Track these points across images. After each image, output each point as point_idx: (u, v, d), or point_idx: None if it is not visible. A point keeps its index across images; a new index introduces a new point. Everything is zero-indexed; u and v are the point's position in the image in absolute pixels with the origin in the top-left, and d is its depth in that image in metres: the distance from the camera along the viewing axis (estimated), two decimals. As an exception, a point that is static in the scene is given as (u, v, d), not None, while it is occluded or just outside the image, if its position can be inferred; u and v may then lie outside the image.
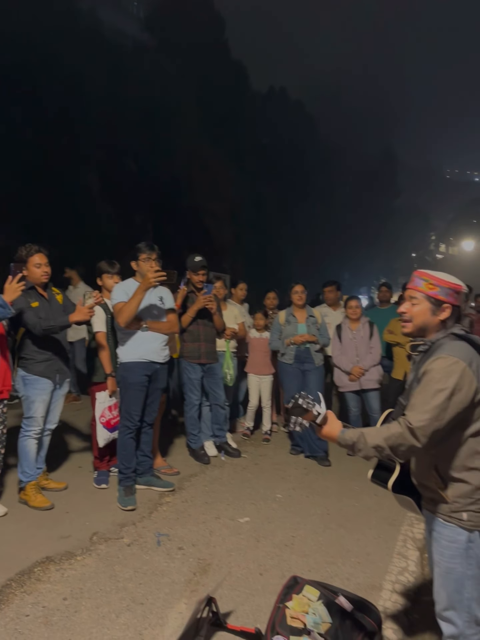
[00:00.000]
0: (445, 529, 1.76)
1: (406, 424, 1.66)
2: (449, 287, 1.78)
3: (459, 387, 1.64)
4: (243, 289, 5.85)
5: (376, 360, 4.92)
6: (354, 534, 3.34)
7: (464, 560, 1.72)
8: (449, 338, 1.76)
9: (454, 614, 1.76)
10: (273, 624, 2.17)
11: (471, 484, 1.71)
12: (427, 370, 1.70)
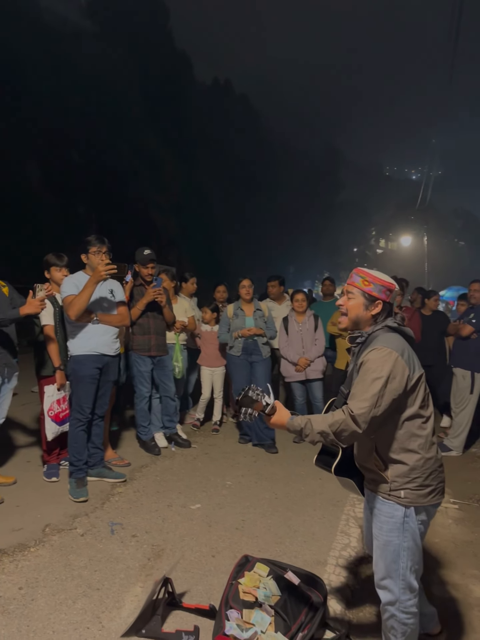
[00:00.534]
0: (385, 505, 1.93)
1: (348, 412, 1.80)
2: (382, 285, 1.95)
3: (393, 375, 1.80)
4: (194, 282, 5.92)
5: (321, 351, 5.14)
6: (300, 515, 3.52)
7: (400, 533, 1.90)
8: (384, 330, 1.92)
9: (390, 582, 1.94)
10: (227, 598, 2.29)
11: (408, 465, 1.88)
12: (364, 361, 1.85)
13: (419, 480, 1.88)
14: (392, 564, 1.93)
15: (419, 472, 1.88)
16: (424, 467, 1.88)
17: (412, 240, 36.23)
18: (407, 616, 1.93)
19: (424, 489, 1.89)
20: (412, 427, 1.88)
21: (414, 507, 1.89)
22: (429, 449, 1.90)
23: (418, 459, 1.88)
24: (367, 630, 2.42)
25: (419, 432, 1.89)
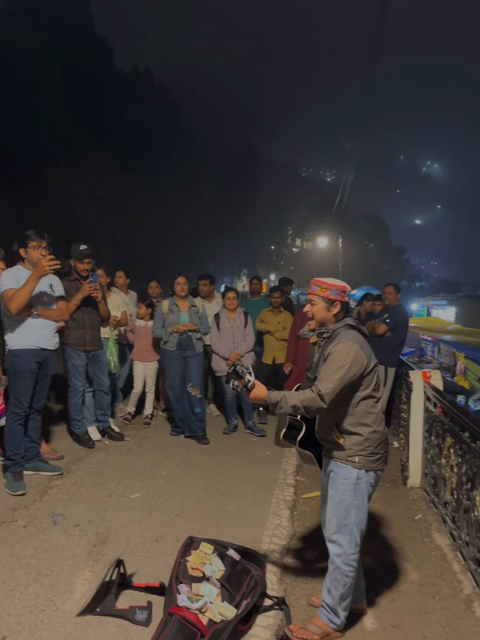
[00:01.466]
0: (341, 469, 2.32)
1: (317, 391, 2.19)
2: (336, 289, 2.37)
3: (354, 363, 2.21)
4: (122, 277, 5.97)
5: (250, 346, 5.43)
6: (234, 500, 3.77)
7: (352, 493, 2.30)
8: (345, 327, 2.33)
9: (340, 537, 2.31)
10: (176, 575, 2.49)
11: (362, 435, 2.29)
12: (331, 352, 2.25)
13: (370, 449, 2.29)
14: (343, 520, 2.31)
15: (371, 442, 2.28)
16: (374, 438, 2.29)
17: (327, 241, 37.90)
18: (349, 569, 2.29)
19: (373, 456, 2.30)
20: (366, 405, 2.30)
21: (365, 470, 2.29)
22: (379, 424, 2.32)
23: (370, 432, 2.30)
24: (300, 596, 2.72)
25: (372, 409, 2.30)
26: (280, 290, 6.15)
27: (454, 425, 3.35)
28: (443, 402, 3.65)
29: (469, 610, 2.65)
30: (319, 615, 2.38)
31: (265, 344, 6.03)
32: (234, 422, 5.53)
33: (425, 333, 17.24)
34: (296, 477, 4.34)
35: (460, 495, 3.12)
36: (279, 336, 5.88)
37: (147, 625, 2.33)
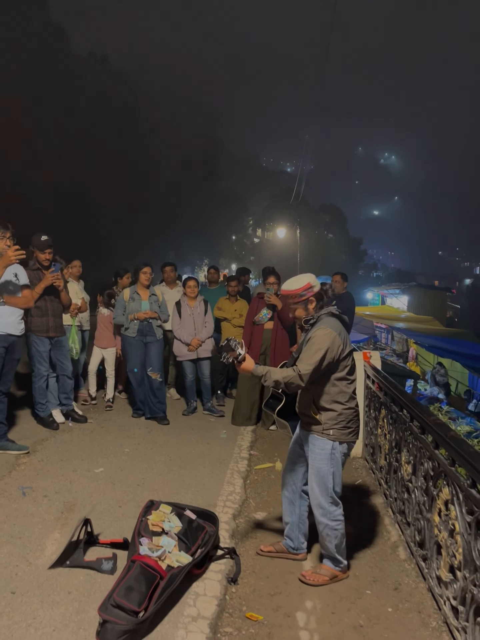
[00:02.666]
0: (318, 441, 2.69)
1: (297, 371, 2.52)
2: (303, 290, 2.69)
3: (331, 348, 2.58)
4: (77, 266, 6.12)
5: (210, 332, 5.76)
6: (192, 472, 4.10)
7: (329, 461, 2.67)
8: (327, 315, 2.67)
9: (322, 500, 2.69)
10: (138, 531, 2.79)
11: (336, 411, 2.66)
12: (312, 337, 2.60)
13: (343, 423, 2.68)
14: (322, 485, 2.69)
15: (344, 417, 2.67)
16: (347, 414, 2.68)
17: (286, 232, 38.48)
18: (336, 523, 2.69)
19: (346, 429, 2.69)
20: (341, 385, 2.67)
21: (339, 442, 2.66)
22: (352, 402, 2.70)
23: (344, 408, 2.68)
24: (249, 548, 3.08)
25: (345, 389, 2.67)
26: (237, 280, 6.46)
27: (387, 398, 3.77)
28: (379, 378, 4.07)
29: (394, 553, 3.08)
30: (325, 562, 2.79)
31: (222, 330, 6.34)
32: (193, 404, 5.85)
33: (379, 321, 17.93)
34: (250, 451, 4.71)
35: (391, 458, 3.54)
36: (235, 323, 6.20)
37: (112, 573, 2.63)
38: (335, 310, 2.72)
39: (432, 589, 2.59)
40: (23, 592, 2.42)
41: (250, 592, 2.64)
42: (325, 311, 2.69)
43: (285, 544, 3.00)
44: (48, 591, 2.44)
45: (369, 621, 2.46)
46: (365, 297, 26.15)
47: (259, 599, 2.60)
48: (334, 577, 2.76)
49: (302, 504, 2.93)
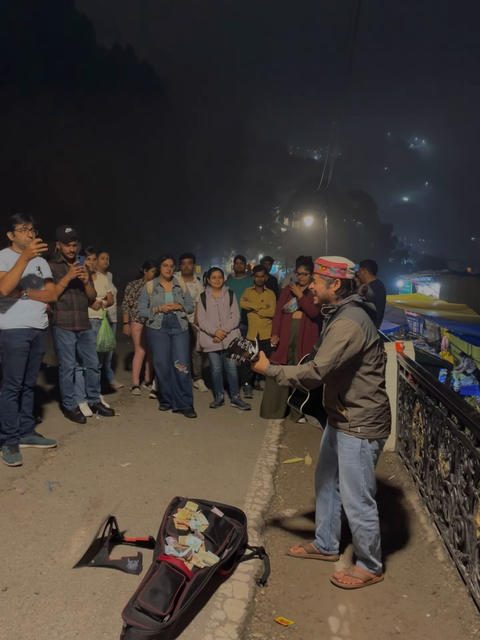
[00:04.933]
0: (346, 439, 2.53)
1: (313, 365, 2.35)
2: (335, 266, 2.50)
3: (352, 340, 2.36)
4: (105, 258, 6.09)
5: (236, 323, 5.64)
6: (219, 467, 4.01)
7: (358, 460, 2.50)
8: (350, 304, 2.47)
9: (354, 500, 2.54)
10: (164, 529, 2.72)
11: (363, 407, 2.48)
12: (332, 328, 2.41)
13: (371, 419, 2.49)
14: (353, 485, 2.53)
15: (371, 413, 2.48)
16: (374, 410, 2.49)
17: (313, 220, 37.98)
18: (369, 523, 2.54)
19: (375, 425, 2.50)
20: (367, 379, 2.48)
21: (368, 439, 2.48)
22: (379, 397, 2.50)
23: (371, 404, 2.49)
24: (278, 547, 2.97)
25: (372, 382, 2.48)
26: (264, 269, 6.33)
27: (422, 390, 3.59)
28: (413, 370, 3.89)
29: (432, 555, 2.92)
30: (358, 564, 2.65)
31: (249, 321, 6.23)
32: (220, 397, 5.76)
33: (410, 309, 17.54)
34: (279, 445, 4.59)
35: (427, 454, 3.37)
36: (262, 314, 6.07)
37: (137, 573, 2.56)
38: (359, 297, 2.52)
39: (474, 593, 2.44)
40: (47, 593, 2.37)
41: (280, 594, 2.54)
42: (347, 300, 2.49)
43: (316, 544, 2.87)
44: (72, 592, 2.39)
45: (405, 627, 2.32)
46: (395, 285, 25.63)
47: (289, 602, 2.49)
48: (368, 579, 2.63)
49: (336, 502, 2.79)
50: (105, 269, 6.10)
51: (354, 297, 2.50)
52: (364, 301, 2.53)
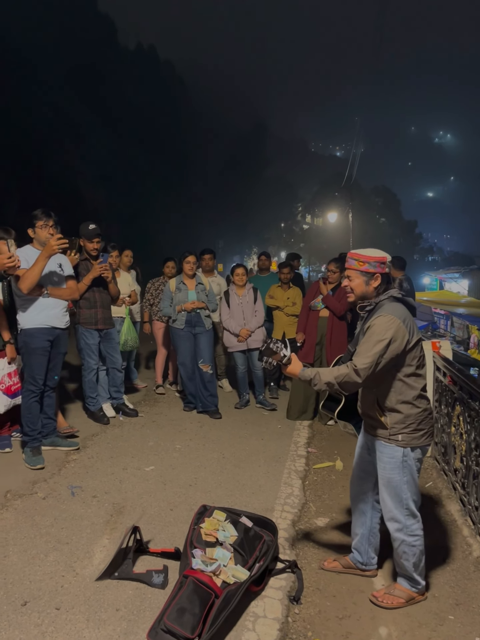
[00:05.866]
0: (386, 448, 2.32)
1: (352, 367, 2.16)
2: (375, 261, 2.28)
3: (394, 338, 2.16)
4: (129, 255, 5.97)
5: (260, 322, 5.46)
6: (247, 471, 3.85)
7: (400, 470, 2.30)
8: (389, 300, 2.26)
9: (397, 513, 2.34)
10: (191, 541, 2.56)
11: (403, 413, 2.27)
12: (371, 325, 2.20)
13: (413, 426, 2.28)
14: (396, 497, 2.33)
15: (413, 419, 2.27)
16: (416, 415, 2.27)
17: (337, 216, 37.48)
18: (414, 539, 2.34)
19: (417, 432, 2.29)
20: (408, 382, 2.27)
21: (410, 447, 2.28)
22: (421, 401, 2.29)
23: (413, 409, 2.27)
24: (312, 560, 2.79)
25: (414, 386, 2.27)
26: (289, 266, 6.14)
27: (463, 393, 3.36)
28: (452, 371, 3.66)
29: (478, 571, 2.70)
30: (400, 582, 2.45)
31: (274, 319, 6.05)
32: (245, 397, 5.60)
33: (438, 306, 17.10)
34: (308, 449, 4.41)
35: (470, 461, 3.15)
36: (288, 311, 5.89)
37: (163, 587, 2.41)
38: (397, 293, 2.30)
39: None
40: (68, 608, 2.23)
41: (315, 614, 2.36)
42: (385, 296, 2.27)
43: (352, 558, 2.68)
44: (95, 607, 2.25)
45: (454, 654, 2.13)
46: (422, 282, 25.10)
47: (325, 622, 2.31)
48: (411, 599, 2.43)
49: (374, 515, 2.59)
50: (129, 266, 5.99)
51: (393, 292, 2.29)
52: (404, 296, 2.32)
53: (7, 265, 3.23)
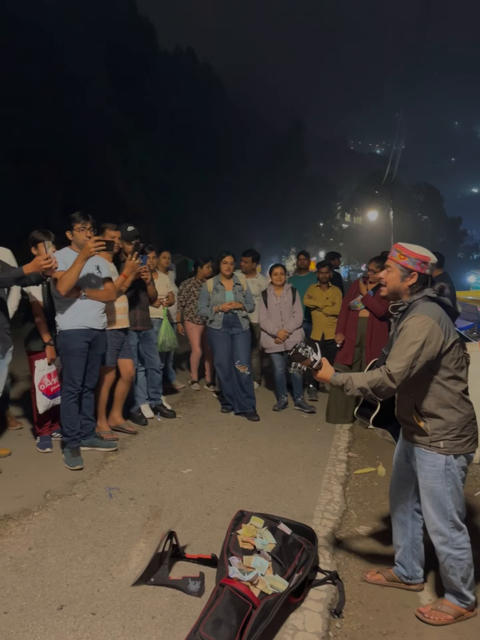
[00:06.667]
0: (427, 456, 2.19)
1: (386, 371, 2.06)
2: (416, 258, 2.16)
3: (429, 340, 2.04)
4: (166, 257, 5.98)
5: (299, 323, 5.36)
6: (285, 476, 3.76)
7: (443, 479, 2.16)
8: (423, 300, 2.15)
9: (441, 525, 2.20)
10: (227, 547, 2.50)
11: (444, 419, 2.14)
12: (404, 327, 2.10)
13: (456, 432, 2.14)
14: (439, 508, 2.19)
15: (455, 425, 2.13)
16: (458, 421, 2.13)
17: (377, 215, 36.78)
18: (461, 552, 2.19)
19: (460, 439, 2.15)
20: (448, 385, 2.13)
21: (453, 455, 2.14)
22: (464, 405, 2.15)
23: (454, 414, 2.14)
24: (353, 571, 2.68)
25: (453, 389, 2.13)
26: (328, 265, 6.00)
27: (516, 397, 3.17)
28: (503, 374, 3.46)
29: None
30: (448, 597, 2.32)
31: (313, 320, 5.93)
32: (284, 399, 5.50)
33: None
34: (348, 453, 4.28)
35: (523, 470, 2.96)
36: (327, 312, 5.76)
37: (199, 595, 2.36)
38: (432, 292, 2.17)
39: None
40: (104, 614, 2.20)
41: (358, 628, 2.25)
42: (419, 296, 2.16)
43: (396, 571, 2.55)
44: (131, 614, 2.21)
45: (508, 678, 1.98)
46: (466, 281, 24.27)
47: (368, 638, 2.20)
48: (459, 615, 2.29)
49: (415, 525, 2.46)
50: (167, 267, 5.99)
51: (427, 292, 2.17)
52: (439, 295, 2.19)
53: (43, 267, 3.25)
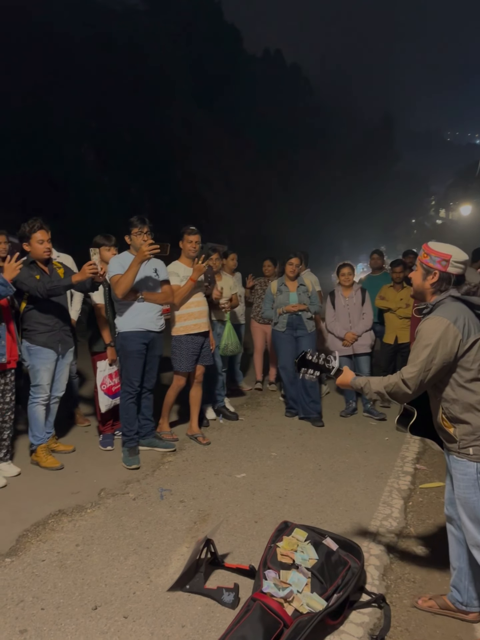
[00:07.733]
0: (458, 463, 2.05)
1: (400, 376, 2.01)
2: (436, 256, 2.05)
3: (444, 341, 1.93)
4: (234, 259, 5.93)
5: (368, 325, 5.11)
6: (343, 486, 3.58)
7: (476, 489, 2.00)
8: (448, 300, 2.02)
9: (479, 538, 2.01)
10: (265, 560, 2.41)
11: (471, 424, 2.00)
12: (418, 330, 2.01)
13: None
14: (475, 520, 2.03)
15: None
16: None
17: (472, 209, 34.47)
18: None
19: None
20: (473, 388, 1.99)
21: None
22: None
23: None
24: (404, 595, 2.47)
25: (478, 392, 1.98)
26: (402, 264, 5.68)
27: None
28: None
29: None
30: None
31: (386, 322, 5.64)
32: (352, 405, 5.28)
33: None
34: (416, 465, 4.00)
35: None
36: (401, 314, 5.45)
37: (233, 608, 2.28)
38: (456, 292, 2.03)
39: None
40: (135, 618, 2.20)
41: (400, 660, 2.07)
42: (444, 296, 2.05)
43: (450, 597, 2.32)
44: (161, 620, 2.19)
45: None
46: None
47: (410, 672, 2.01)
48: None
49: None
50: (234, 269, 5.99)
51: (451, 292, 2.04)
52: (462, 295, 2.04)
53: (88, 273, 3.38)
